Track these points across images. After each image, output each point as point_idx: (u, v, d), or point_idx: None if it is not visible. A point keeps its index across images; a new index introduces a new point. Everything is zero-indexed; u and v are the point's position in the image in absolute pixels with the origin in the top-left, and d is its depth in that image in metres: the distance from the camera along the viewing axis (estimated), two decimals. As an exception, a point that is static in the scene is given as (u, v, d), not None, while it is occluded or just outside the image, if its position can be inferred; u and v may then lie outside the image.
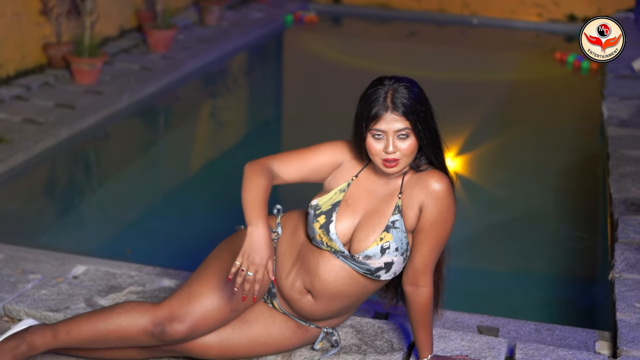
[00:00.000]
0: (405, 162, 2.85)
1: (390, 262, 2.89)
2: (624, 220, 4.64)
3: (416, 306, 2.97)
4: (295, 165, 3.01)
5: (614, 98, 7.41)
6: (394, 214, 2.89)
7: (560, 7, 12.10)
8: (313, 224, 2.95)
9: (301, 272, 3.00)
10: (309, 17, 11.79)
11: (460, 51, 11.36)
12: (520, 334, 3.62)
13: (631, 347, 3.38)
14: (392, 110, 2.79)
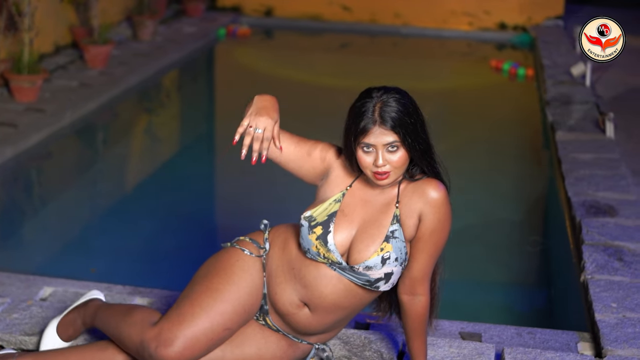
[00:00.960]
0: (397, 174, 2.81)
1: (390, 272, 2.84)
2: (587, 223, 4.69)
3: (413, 315, 2.94)
4: (294, 141, 2.97)
5: (556, 103, 7.53)
6: (392, 223, 2.84)
7: (491, 16, 12.25)
8: (308, 236, 2.87)
9: (297, 286, 2.93)
10: (242, 30, 11.74)
11: (393, 61, 11.43)
12: (503, 338, 3.62)
13: (615, 346, 3.41)
14: (380, 124, 2.74)
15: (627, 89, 8.48)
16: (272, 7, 12.63)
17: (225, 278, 2.95)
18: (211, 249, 5.49)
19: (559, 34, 11.44)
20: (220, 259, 3.03)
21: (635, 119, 7.13)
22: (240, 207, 5.99)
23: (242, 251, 3.01)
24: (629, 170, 5.70)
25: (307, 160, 2.96)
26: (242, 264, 2.99)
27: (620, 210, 4.91)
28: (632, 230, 4.60)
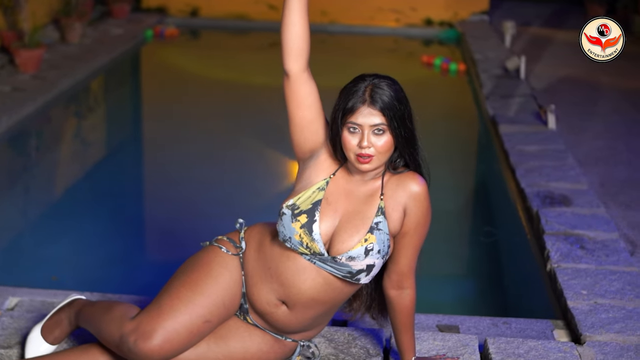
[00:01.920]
0: (380, 160, 2.79)
1: (372, 264, 2.82)
2: (544, 213, 4.78)
3: (402, 309, 2.96)
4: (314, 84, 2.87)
5: (495, 97, 7.64)
6: (377, 215, 2.83)
7: (417, 12, 12.38)
8: (292, 224, 2.82)
9: (273, 285, 2.90)
10: (170, 31, 11.62)
11: (322, 59, 11.40)
12: (480, 329, 3.66)
13: (592, 332, 3.48)
14: (370, 104, 2.75)
15: (559, 80, 8.65)
16: (198, 7, 12.55)
17: (204, 273, 2.93)
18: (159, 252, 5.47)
19: (486, 29, 11.62)
20: (199, 257, 3.01)
21: (572, 110, 7.27)
22: (180, 209, 5.94)
23: (220, 249, 2.99)
24: (575, 160, 5.82)
25: (310, 111, 2.86)
26: (221, 260, 2.97)
27: (574, 199, 5.01)
28: (589, 219, 4.69)
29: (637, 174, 5.76)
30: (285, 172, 6.84)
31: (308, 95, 2.84)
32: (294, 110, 2.85)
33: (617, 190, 5.41)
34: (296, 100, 2.84)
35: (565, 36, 11.23)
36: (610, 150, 6.30)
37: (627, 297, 3.79)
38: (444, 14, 12.36)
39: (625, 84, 8.76)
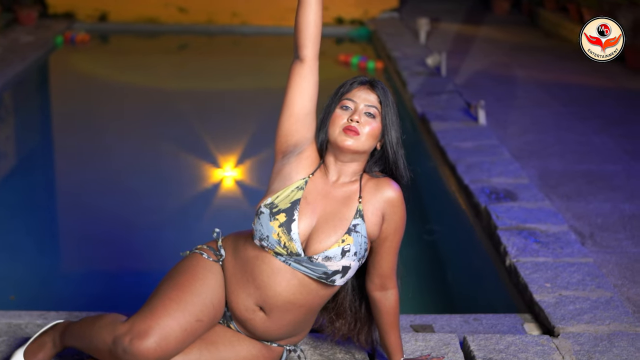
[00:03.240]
0: (363, 144, 2.85)
1: (347, 266, 2.85)
2: (493, 209, 4.88)
3: (388, 309, 3.02)
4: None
5: (421, 94, 7.75)
6: (355, 217, 2.86)
7: (328, 11, 12.44)
8: (270, 223, 2.83)
9: (250, 289, 2.91)
10: (81, 37, 11.43)
11: (235, 60, 11.43)
12: (453, 327, 3.73)
13: (565, 324, 3.58)
14: (369, 87, 2.89)
15: (478, 75, 8.84)
16: (107, 12, 12.37)
17: (190, 276, 2.93)
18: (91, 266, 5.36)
19: (397, 26, 11.78)
20: (183, 264, 3.01)
21: (496, 105, 7.44)
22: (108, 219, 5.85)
23: (201, 255, 3.00)
24: (510, 155, 5.96)
25: (313, 112, 2.91)
26: (204, 264, 2.97)
27: (519, 194, 5.14)
28: (537, 212, 4.82)
29: (571, 166, 5.93)
30: (206, 176, 6.79)
31: (313, 85, 2.89)
32: (295, 97, 2.87)
33: (556, 182, 5.57)
34: (301, 87, 2.87)
35: (477, 31, 11.47)
36: (541, 143, 6.48)
37: (589, 288, 3.91)
38: (355, 12, 12.48)
39: (542, 76, 9.02)
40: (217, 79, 10.05)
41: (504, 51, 10.49)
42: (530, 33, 12.01)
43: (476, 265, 4.93)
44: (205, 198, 6.25)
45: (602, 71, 9.42)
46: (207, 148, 7.13)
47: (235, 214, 5.94)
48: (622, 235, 4.71)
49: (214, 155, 6.94)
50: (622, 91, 8.47)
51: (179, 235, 5.48)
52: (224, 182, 6.56)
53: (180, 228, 5.62)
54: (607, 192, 5.41)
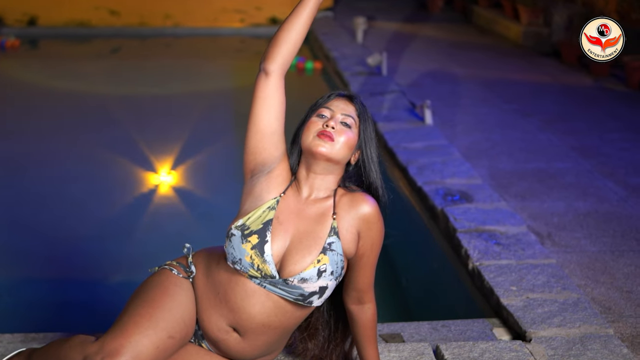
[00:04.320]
0: (337, 152, 2.76)
1: (324, 286, 2.76)
2: (450, 211, 4.85)
3: (365, 323, 2.95)
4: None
5: (365, 95, 7.70)
6: (330, 235, 2.77)
7: (262, 12, 12.36)
8: (242, 245, 2.73)
9: (223, 311, 2.81)
10: (11, 42, 11.14)
11: (168, 63, 11.25)
12: (423, 335, 3.68)
13: (536, 328, 3.56)
14: (347, 99, 2.83)
15: (419, 74, 8.84)
16: (36, 16, 12.09)
17: (160, 292, 2.82)
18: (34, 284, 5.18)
19: (333, 25, 11.73)
20: (152, 280, 2.90)
21: (440, 104, 7.43)
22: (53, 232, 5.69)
23: (170, 271, 2.90)
24: (460, 155, 5.94)
25: (281, 130, 2.79)
26: (174, 280, 2.87)
27: (474, 195, 5.11)
28: (494, 213, 4.80)
29: (521, 164, 5.94)
30: (145, 183, 6.64)
31: (279, 103, 2.76)
32: (260, 115, 2.75)
33: (508, 182, 5.57)
34: (266, 104, 2.74)
35: (413, 29, 11.48)
36: (489, 142, 6.48)
37: (555, 290, 3.90)
38: (289, 12, 12.36)
39: (482, 74, 9.05)
40: (151, 83, 9.88)
41: (442, 49, 10.52)
42: (465, 30, 12.07)
43: (436, 269, 4.89)
44: (147, 206, 6.11)
45: (539, 67, 9.51)
46: (145, 154, 6.97)
47: (177, 220, 5.82)
48: (580, 234, 4.72)
49: (152, 162, 6.78)
50: (560, 86, 8.55)
51: (123, 246, 5.34)
52: (163, 189, 6.43)
53: (124, 239, 5.48)
54: (559, 190, 5.42)
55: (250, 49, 12.06)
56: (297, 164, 2.86)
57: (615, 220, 4.94)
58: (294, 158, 2.87)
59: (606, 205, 5.17)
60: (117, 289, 4.87)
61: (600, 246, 4.57)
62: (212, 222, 5.76)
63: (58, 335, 3.65)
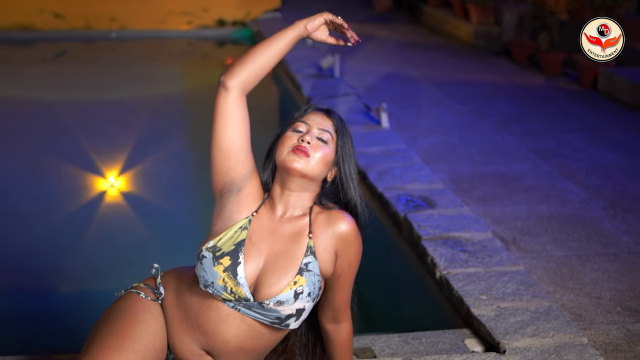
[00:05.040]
0: (312, 168, 2.64)
1: (302, 308, 2.65)
2: (413, 218, 4.77)
3: (341, 342, 2.85)
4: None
5: (318, 98, 7.61)
6: (306, 255, 2.65)
7: (209, 13, 12.20)
8: (214, 268, 2.60)
9: (196, 334, 2.70)
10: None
11: (115, 67, 11.05)
12: (394, 348, 3.59)
13: (509, 339, 3.49)
14: (324, 113, 2.73)
15: (371, 76, 8.77)
16: (-23, 20, 11.79)
17: (128, 320, 2.68)
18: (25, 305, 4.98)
19: (280, 26, 11.50)
20: (119, 306, 2.76)
21: (395, 106, 7.35)
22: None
23: (138, 294, 2.77)
24: (420, 159, 5.87)
25: (246, 147, 2.69)
26: (142, 305, 2.74)
27: (436, 200, 5.04)
28: (458, 219, 4.73)
29: (480, 167, 5.89)
30: (94, 192, 6.45)
31: (241, 120, 2.65)
32: (222, 132, 2.64)
33: (469, 186, 5.51)
34: (227, 121, 2.63)
35: (362, 29, 11.41)
36: (447, 145, 6.43)
37: (526, 298, 3.84)
38: (237, 14, 12.26)
39: (435, 74, 9.01)
40: (99, 88, 9.67)
41: (393, 50, 10.47)
42: (415, 30, 12.03)
43: (401, 278, 4.80)
44: (97, 216, 5.94)
45: (491, 67, 9.51)
46: (94, 162, 6.78)
47: (130, 231, 5.66)
48: (545, 239, 4.68)
49: (101, 170, 6.60)
50: (513, 86, 8.54)
51: (74, 259, 5.17)
52: (114, 198, 6.26)
53: (74, 251, 5.30)
54: (521, 193, 5.38)
55: (198, 52, 11.92)
56: (271, 180, 2.75)
57: (579, 224, 4.90)
58: (267, 174, 2.76)
59: (569, 208, 5.14)
60: (69, 304, 4.71)
61: (566, 251, 4.53)
62: (166, 232, 5.63)
63: (22, 357, 3.50)
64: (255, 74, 2.64)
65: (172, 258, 5.17)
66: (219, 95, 2.63)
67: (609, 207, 5.16)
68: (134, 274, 4.94)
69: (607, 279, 4.21)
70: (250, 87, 2.64)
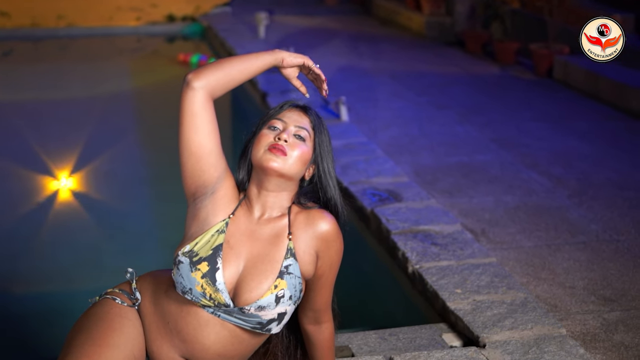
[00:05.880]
0: (290, 167, 2.55)
1: (283, 312, 2.57)
2: (381, 212, 4.72)
3: (322, 343, 2.78)
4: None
5: (275, 93, 7.53)
6: (286, 257, 2.56)
7: (158, 9, 12.06)
8: (191, 274, 2.51)
9: (174, 341, 2.61)
10: None
11: (64, 66, 10.84)
12: (371, 346, 3.54)
13: (488, 332, 3.45)
14: (301, 110, 2.65)
15: (328, 70, 8.64)
16: None
17: (105, 326, 2.57)
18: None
19: (231, 21, 11.50)
20: (93, 312, 2.65)
21: (353, 99, 7.28)
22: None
23: (113, 301, 2.67)
24: (382, 151, 5.82)
25: (217, 149, 2.57)
26: (118, 311, 2.64)
27: (402, 194, 5.00)
28: (427, 212, 4.69)
29: (443, 159, 5.87)
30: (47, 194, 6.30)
31: (209, 122, 2.53)
32: (191, 135, 2.52)
33: (433, 178, 5.48)
34: (195, 123, 2.51)
35: (313, 22, 11.36)
36: (407, 137, 6.39)
37: (501, 290, 3.81)
38: (186, 9, 12.12)
39: (390, 66, 8.98)
40: (47, 88, 9.46)
41: (346, 42, 10.41)
42: (366, 22, 11.99)
43: (371, 274, 4.75)
44: (52, 218, 5.79)
45: (445, 57, 9.50)
46: (45, 163, 6.62)
47: (87, 231, 5.53)
48: (513, 230, 4.66)
49: (53, 171, 6.44)
50: (469, 76, 8.54)
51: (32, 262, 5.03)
52: (68, 200, 6.12)
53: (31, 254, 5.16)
54: (485, 184, 5.36)
55: (147, 48, 11.75)
56: (247, 180, 2.66)
57: (545, 213, 4.89)
58: (243, 173, 2.67)
59: (534, 198, 5.13)
60: (28, 308, 4.57)
61: (535, 241, 4.51)
62: (123, 232, 5.52)
63: None
64: (224, 82, 2.52)
65: (130, 258, 5.09)
66: (185, 95, 2.51)
67: (573, 196, 5.15)
68: (95, 275, 4.86)
69: (578, 268, 4.19)
70: (215, 94, 2.53)
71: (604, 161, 5.81)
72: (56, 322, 4.31)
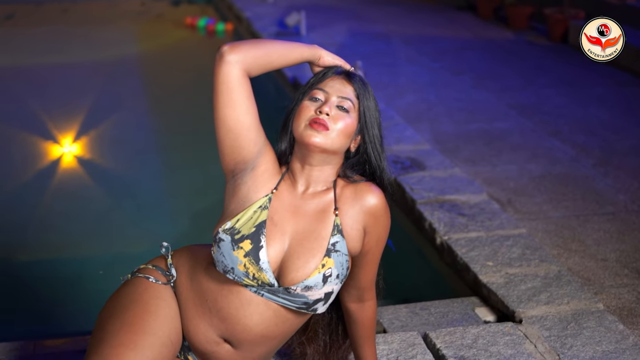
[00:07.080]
0: (333, 141, 2.42)
1: (330, 291, 2.45)
2: (404, 180, 4.62)
3: (364, 321, 2.68)
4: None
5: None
6: (333, 234, 2.44)
7: (162, -28, 11.88)
8: (233, 253, 2.39)
9: (213, 320, 2.49)
10: None
11: (67, 30, 10.69)
12: (403, 320, 3.46)
13: (524, 307, 3.37)
14: (345, 77, 2.47)
15: (340, 34, 8.57)
16: None
17: (140, 309, 2.46)
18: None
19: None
20: (127, 293, 2.53)
21: (367, 64, 7.15)
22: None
23: (147, 279, 2.55)
24: (400, 118, 5.72)
25: (257, 124, 2.43)
26: (153, 292, 2.52)
27: (425, 161, 4.90)
28: (452, 181, 4.60)
29: (463, 126, 5.76)
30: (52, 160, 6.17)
31: (246, 97, 2.38)
32: (228, 111, 2.37)
33: (454, 146, 5.38)
34: (232, 99, 2.36)
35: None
36: (425, 103, 6.28)
37: (534, 263, 3.72)
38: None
39: (402, 30, 8.84)
40: (49, 52, 9.32)
41: (354, 5, 10.26)
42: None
43: (396, 244, 4.64)
44: (58, 186, 5.68)
45: (456, 22, 9.36)
46: (49, 129, 6.50)
47: (96, 200, 5.42)
48: (540, 199, 4.57)
49: (57, 137, 6.33)
50: (482, 42, 8.41)
51: (40, 233, 4.92)
52: (74, 167, 6.01)
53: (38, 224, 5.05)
54: (508, 153, 5.26)
55: (151, 12, 11.57)
56: (289, 152, 2.54)
57: (571, 183, 4.80)
58: (285, 145, 2.54)
59: (558, 167, 5.03)
60: (37, 281, 4.46)
61: (563, 211, 4.42)
62: (133, 199, 5.42)
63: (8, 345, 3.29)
64: (262, 62, 2.38)
65: (140, 226, 4.99)
66: (220, 69, 2.35)
67: (599, 165, 5.06)
68: (105, 244, 4.76)
69: (609, 239, 4.11)
70: (252, 72, 2.38)
71: (626, 129, 5.71)
72: (67, 293, 4.21)
